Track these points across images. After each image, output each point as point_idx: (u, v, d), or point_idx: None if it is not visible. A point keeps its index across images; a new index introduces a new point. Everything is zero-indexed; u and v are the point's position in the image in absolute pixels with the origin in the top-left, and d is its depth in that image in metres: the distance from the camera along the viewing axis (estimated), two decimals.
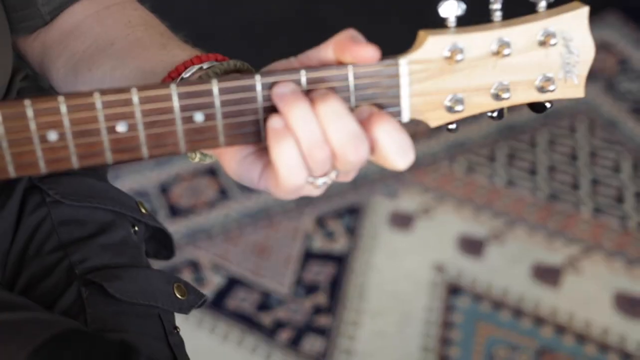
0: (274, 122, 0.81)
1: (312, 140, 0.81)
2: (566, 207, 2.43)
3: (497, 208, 2.42)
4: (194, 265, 2.28)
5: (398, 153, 0.82)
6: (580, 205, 2.43)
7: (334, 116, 0.80)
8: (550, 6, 0.85)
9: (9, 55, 1.14)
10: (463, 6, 0.83)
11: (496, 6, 0.84)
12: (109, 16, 1.11)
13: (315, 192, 0.86)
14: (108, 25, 1.10)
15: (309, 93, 0.82)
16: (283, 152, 0.81)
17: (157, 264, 1.24)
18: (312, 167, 0.82)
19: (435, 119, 0.86)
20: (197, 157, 0.96)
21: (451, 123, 0.88)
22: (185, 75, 0.94)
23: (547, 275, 2.26)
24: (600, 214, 2.41)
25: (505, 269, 2.28)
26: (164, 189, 2.47)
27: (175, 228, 2.36)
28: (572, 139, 2.60)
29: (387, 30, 2.84)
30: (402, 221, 2.38)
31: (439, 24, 0.84)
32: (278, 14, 2.91)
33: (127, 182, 2.48)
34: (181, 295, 1.12)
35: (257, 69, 0.94)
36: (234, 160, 0.87)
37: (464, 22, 0.85)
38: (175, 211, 2.42)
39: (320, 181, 0.84)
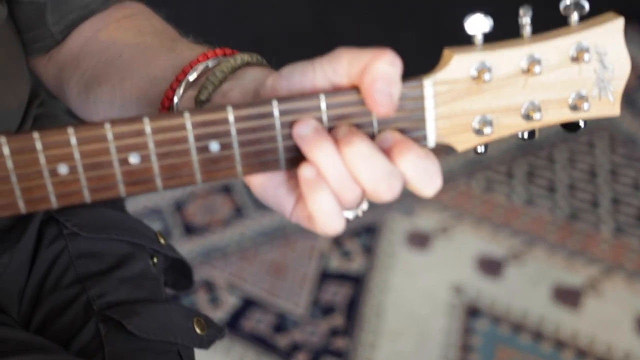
0: (305, 171, 0.78)
1: (341, 181, 0.77)
2: (586, 226, 2.39)
3: (516, 227, 2.38)
4: (209, 285, 2.25)
5: (425, 181, 0.79)
6: (600, 224, 2.39)
7: (361, 158, 0.77)
8: (582, 18, 0.81)
9: (25, 81, 1.12)
10: (490, 22, 0.79)
11: (525, 20, 0.80)
12: (118, 28, 1.09)
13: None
14: (116, 37, 1.07)
15: (332, 130, 0.79)
16: (317, 199, 0.77)
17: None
18: (345, 205, 0.79)
19: (462, 142, 0.82)
20: None
21: (479, 146, 0.83)
22: (191, 76, 0.91)
23: (568, 296, 2.22)
24: (620, 233, 2.36)
25: (525, 290, 2.23)
26: (179, 207, 2.44)
27: (189, 246, 2.33)
28: (592, 155, 2.56)
29: (402, 42, 2.83)
30: (419, 240, 2.35)
31: (455, 34, 0.80)
32: (291, 26, 2.89)
33: (141, 200, 2.45)
34: (201, 330, 1.09)
35: (268, 65, 0.91)
36: (263, 189, 0.83)
37: (490, 37, 0.81)
38: (190, 229, 2.38)
39: (351, 214, 0.82)
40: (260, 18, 2.90)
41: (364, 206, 0.82)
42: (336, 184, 0.77)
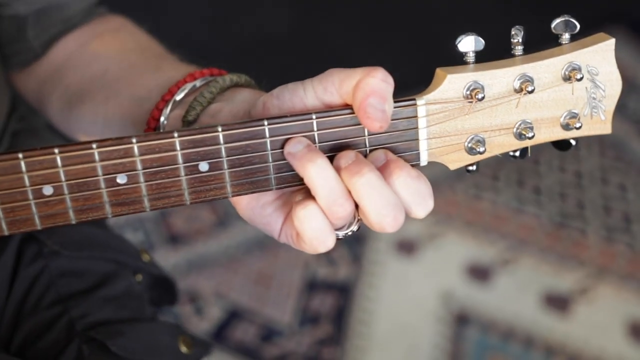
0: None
1: (332, 197, 0.76)
2: (573, 231, 2.38)
3: (504, 232, 2.37)
4: (195, 295, 2.23)
5: (416, 203, 0.78)
6: (587, 228, 2.38)
7: (371, 188, 0.76)
8: (573, 38, 0.81)
9: (4, 95, 1.10)
10: (482, 42, 0.78)
11: (517, 39, 0.79)
12: (101, 44, 1.07)
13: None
14: (100, 54, 1.05)
15: (336, 157, 0.78)
16: (304, 215, 0.77)
17: None
18: (335, 222, 0.78)
19: (454, 161, 0.82)
20: None
21: (471, 165, 0.83)
22: (178, 96, 0.90)
23: (557, 302, 2.21)
24: (609, 238, 2.36)
25: (514, 297, 2.22)
26: (163, 217, 2.42)
27: (174, 257, 2.31)
28: (578, 159, 2.55)
29: (388, 46, 2.82)
30: (407, 248, 2.33)
31: (440, 37, 0.79)
32: (276, 30, 2.89)
33: None
34: (187, 349, 1.07)
35: (257, 86, 0.90)
36: (250, 209, 0.83)
37: (482, 56, 0.80)
38: (174, 239, 2.36)
39: (342, 233, 0.81)
40: (241, 23, 2.89)
41: (355, 227, 0.81)
42: (327, 201, 0.76)
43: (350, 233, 0.81)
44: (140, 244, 2.27)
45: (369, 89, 0.75)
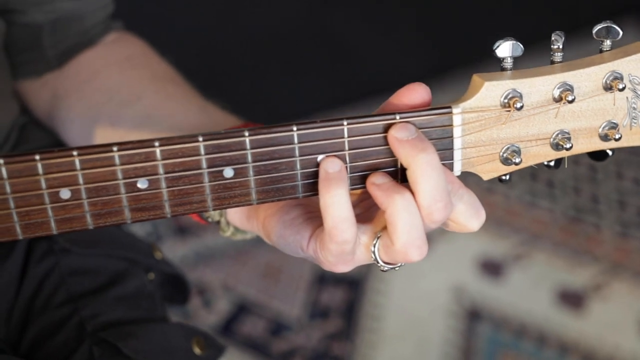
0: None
1: (412, 238, 0.75)
2: (588, 226, 2.36)
3: (517, 227, 2.35)
4: (203, 288, 2.21)
5: (471, 215, 0.77)
6: (602, 223, 2.36)
7: (432, 167, 0.73)
8: (614, 44, 0.78)
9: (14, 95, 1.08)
10: (521, 47, 0.75)
11: (557, 45, 0.76)
12: (131, 68, 1.06)
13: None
14: (132, 78, 1.04)
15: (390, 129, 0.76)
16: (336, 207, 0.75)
17: None
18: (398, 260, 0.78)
19: (489, 171, 0.79)
20: (229, 231, 0.90)
21: (505, 174, 0.80)
22: None
23: (571, 299, 2.19)
24: (623, 233, 2.34)
25: (527, 293, 2.20)
26: None
27: (182, 249, 2.29)
28: None
29: (397, 37, 2.80)
30: None
31: (449, 36, 0.77)
32: (285, 25, 2.87)
33: None
34: (200, 350, 1.05)
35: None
36: (279, 222, 0.81)
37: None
38: (182, 231, 2.34)
39: (388, 267, 0.81)
40: (253, 17, 2.87)
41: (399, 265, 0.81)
42: (405, 240, 0.75)
43: (397, 268, 0.81)
44: (148, 236, 2.25)
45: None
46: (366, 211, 0.81)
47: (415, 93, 0.76)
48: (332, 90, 2.60)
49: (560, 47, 0.76)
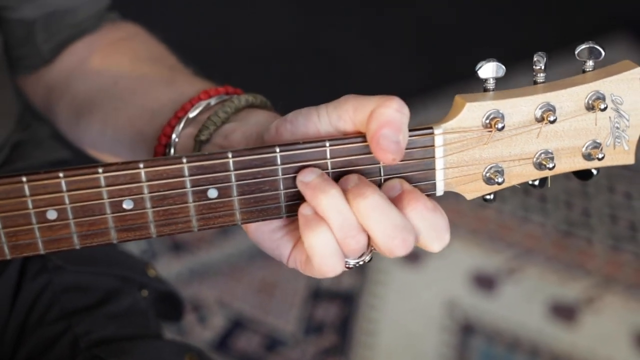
0: (304, 209, 0.75)
1: (345, 228, 0.74)
2: (580, 240, 2.36)
3: (509, 241, 2.36)
4: (198, 304, 2.21)
5: (432, 237, 0.76)
6: (594, 237, 2.36)
7: (374, 211, 0.74)
8: (597, 65, 0.78)
9: (12, 105, 1.08)
10: (503, 69, 0.76)
11: (539, 66, 0.77)
12: (113, 52, 1.05)
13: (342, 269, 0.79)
14: (111, 63, 1.04)
15: (340, 180, 0.76)
16: (315, 240, 0.75)
17: None
18: (347, 254, 0.76)
19: (472, 191, 0.79)
20: None
21: (489, 194, 0.81)
22: (191, 114, 0.88)
23: (563, 312, 2.19)
24: (615, 247, 2.34)
25: (520, 306, 2.21)
26: None
27: (177, 265, 2.29)
28: None
29: (392, 53, 2.81)
30: (411, 256, 2.31)
31: (442, 50, 0.77)
32: (278, 40, 2.87)
33: None
34: None
35: (272, 107, 0.89)
36: (260, 234, 0.81)
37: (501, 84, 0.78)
38: (177, 247, 2.34)
39: (353, 262, 0.79)
40: (246, 33, 2.88)
41: (367, 257, 0.79)
42: (340, 232, 0.74)
43: (361, 263, 0.79)
44: (142, 253, 2.25)
45: (383, 119, 0.73)
46: None
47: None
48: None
49: (542, 67, 0.77)
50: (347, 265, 0.79)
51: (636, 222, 2.41)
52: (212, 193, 0.76)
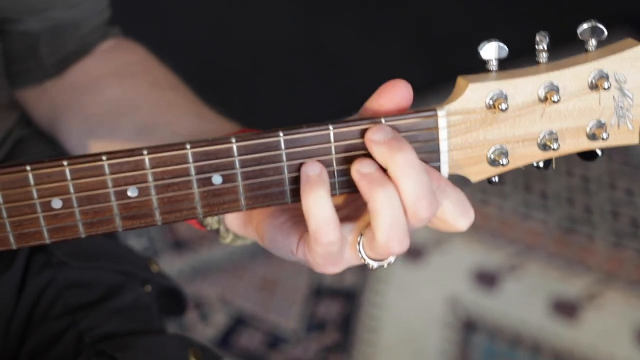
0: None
1: (394, 231, 0.74)
2: (581, 236, 2.36)
3: (511, 238, 2.35)
4: (200, 301, 2.21)
5: (458, 214, 0.76)
6: (595, 233, 2.36)
7: (411, 167, 0.72)
8: (600, 44, 0.78)
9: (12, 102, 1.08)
10: (506, 49, 0.75)
11: (542, 46, 0.77)
12: (130, 76, 1.06)
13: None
14: (131, 87, 1.04)
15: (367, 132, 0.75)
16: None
17: None
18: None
19: (476, 173, 0.79)
20: (229, 238, 0.90)
21: (494, 176, 0.80)
22: None
23: (565, 309, 2.19)
24: (616, 243, 2.34)
25: (521, 303, 2.21)
26: None
27: (179, 263, 2.29)
28: (585, 163, 2.53)
29: (390, 48, 2.81)
30: (413, 253, 2.31)
31: (443, 43, 0.77)
32: (278, 38, 2.88)
33: None
34: None
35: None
36: (270, 227, 0.81)
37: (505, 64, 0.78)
38: (178, 245, 2.34)
39: (376, 264, 0.78)
40: (246, 32, 2.88)
41: (392, 259, 0.79)
42: (387, 234, 0.74)
43: (385, 266, 0.79)
44: (144, 250, 2.26)
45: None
46: (356, 210, 0.80)
47: (397, 91, 0.75)
48: (326, 102, 2.60)
49: (545, 47, 0.76)
50: (371, 267, 0.79)
51: (638, 218, 2.40)
52: (217, 179, 0.75)
